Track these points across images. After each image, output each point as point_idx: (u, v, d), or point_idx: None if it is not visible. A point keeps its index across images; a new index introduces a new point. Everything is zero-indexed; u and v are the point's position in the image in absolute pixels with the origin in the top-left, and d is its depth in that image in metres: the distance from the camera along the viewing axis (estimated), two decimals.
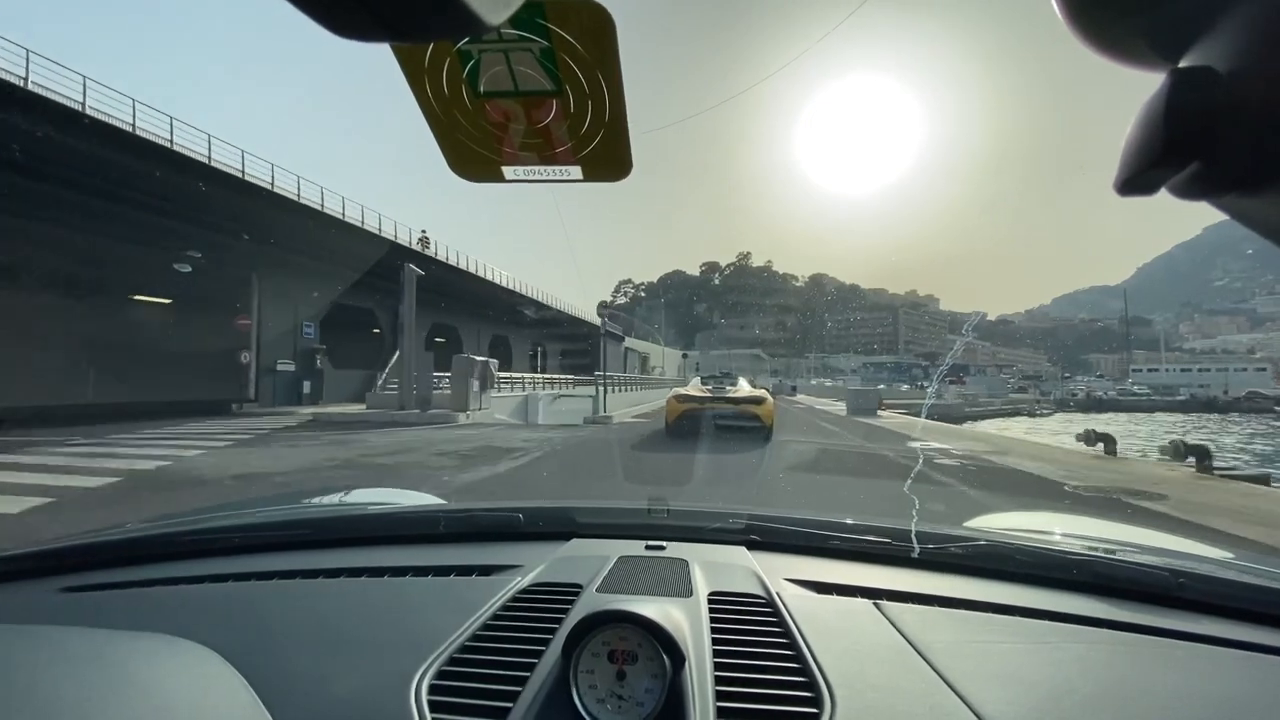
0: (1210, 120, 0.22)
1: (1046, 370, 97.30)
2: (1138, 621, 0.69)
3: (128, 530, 1.07)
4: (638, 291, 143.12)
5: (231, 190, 15.58)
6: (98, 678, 0.52)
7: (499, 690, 0.54)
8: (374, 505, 1.42)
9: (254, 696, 0.52)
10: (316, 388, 20.46)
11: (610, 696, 0.50)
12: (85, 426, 11.14)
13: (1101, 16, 0.25)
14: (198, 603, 0.78)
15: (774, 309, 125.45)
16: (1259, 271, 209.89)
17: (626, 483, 5.83)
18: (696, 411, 9.50)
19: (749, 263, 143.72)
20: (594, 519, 1.04)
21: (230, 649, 0.59)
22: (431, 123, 0.43)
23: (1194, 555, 0.99)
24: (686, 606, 0.67)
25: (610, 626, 0.52)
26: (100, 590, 0.81)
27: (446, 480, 6.09)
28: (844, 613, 0.71)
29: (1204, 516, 4.52)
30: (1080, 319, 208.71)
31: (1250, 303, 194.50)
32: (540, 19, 0.37)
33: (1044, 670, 0.58)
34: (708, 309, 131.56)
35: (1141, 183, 0.24)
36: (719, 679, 0.55)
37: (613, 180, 0.47)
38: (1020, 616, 0.71)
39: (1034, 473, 6.65)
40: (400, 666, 0.56)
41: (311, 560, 0.90)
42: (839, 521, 0.96)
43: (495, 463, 7.22)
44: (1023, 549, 0.86)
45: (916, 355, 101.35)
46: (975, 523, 1.22)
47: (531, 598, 0.72)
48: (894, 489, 5.34)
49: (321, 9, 0.18)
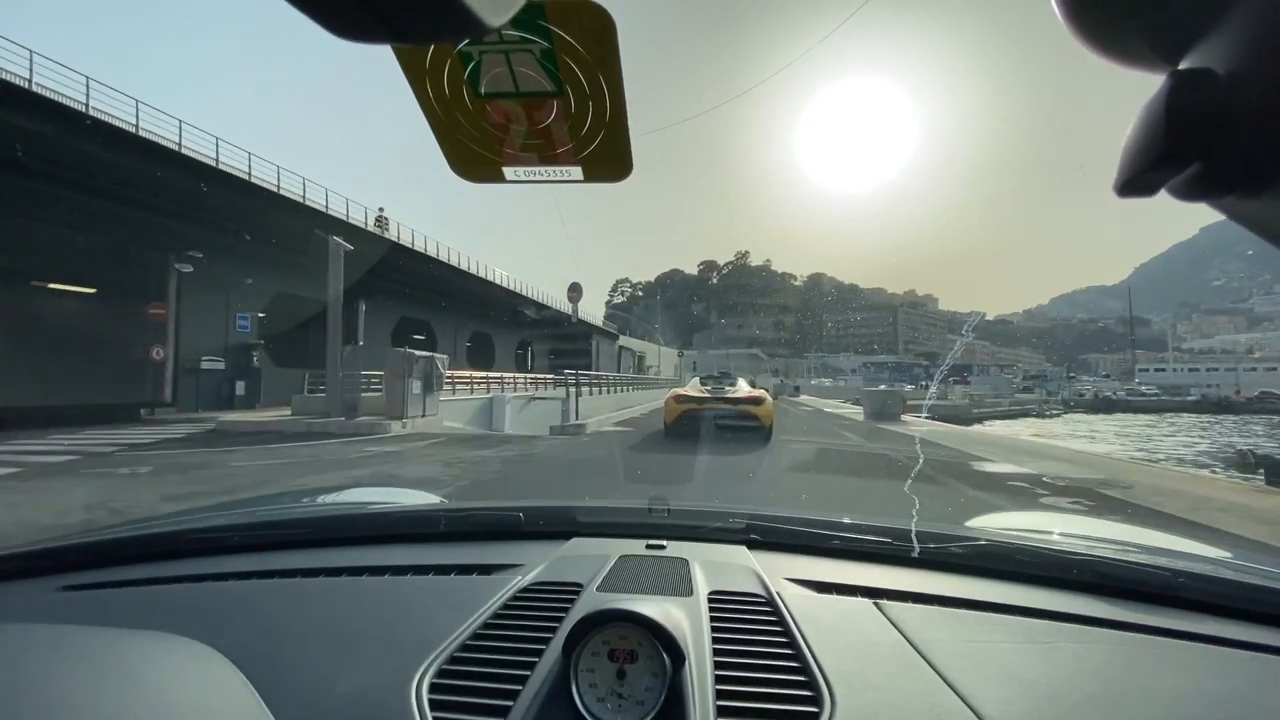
0: (1210, 122, 0.22)
1: (1050, 370, 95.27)
2: (1138, 621, 0.69)
3: (127, 529, 1.06)
4: (635, 291, 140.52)
5: (131, 152, 12.71)
6: (97, 677, 0.51)
7: (499, 689, 0.54)
8: (374, 504, 1.40)
9: (254, 695, 0.52)
10: (253, 389, 17.64)
11: (610, 695, 0.50)
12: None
13: (1102, 18, 0.25)
14: (198, 601, 0.77)
15: (772, 308, 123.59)
16: (1256, 272, 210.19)
17: (627, 482, 5.78)
18: (695, 412, 9.27)
19: (747, 262, 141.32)
20: (594, 518, 1.03)
21: (230, 648, 0.59)
22: (433, 123, 0.43)
23: (1194, 555, 0.98)
24: (687, 606, 0.67)
25: (610, 625, 0.53)
26: (100, 589, 0.81)
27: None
28: (844, 612, 0.71)
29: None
30: (1078, 319, 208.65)
31: (1248, 302, 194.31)
32: (541, 20, 0.37)
33: (1044, 670, 0.58)
34: (706, 308, 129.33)
35: (1142, 184, 0.24)
36: (719, 678, 0.55)
37: (613, 180, 0.47)
38: (1020, 616, 0.70)
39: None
40: (401, 665, 0.57)
41: (312, 559, 0.90)
42: (839, 521, 0.96)
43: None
44: (1023, 549, 0.85)
45: (917, 355, 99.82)
46: (975, 522, 1.20)
47: (532, 597, 0.72)
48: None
49: (323, 11, 0.18)
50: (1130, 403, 49.10)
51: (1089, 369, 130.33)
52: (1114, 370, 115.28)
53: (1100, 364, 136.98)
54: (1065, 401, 49.98)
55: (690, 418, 9.28)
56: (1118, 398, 51.36)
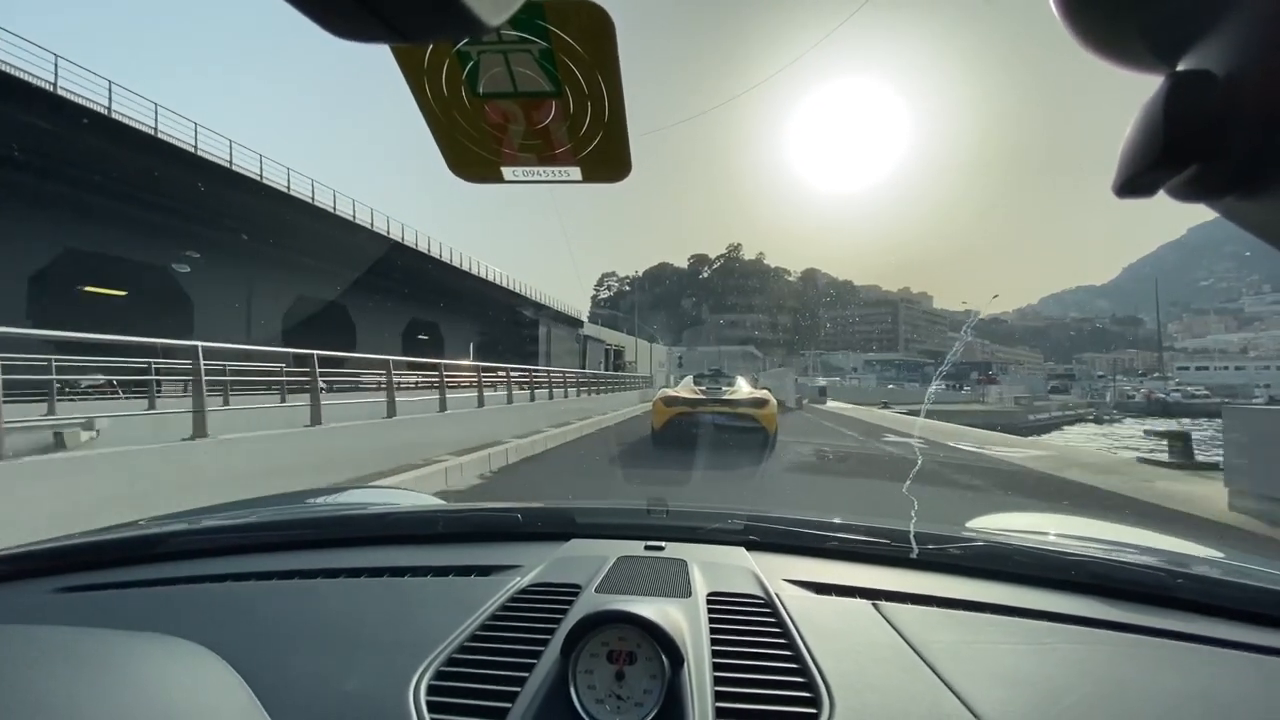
0: (1208, 123, 0.22)
1: (1075, 369, 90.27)
2: (1137, 622, 0.69)
3: (126, 530, 1.04)
4: (622, 286, 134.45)
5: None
6: (95, 678, 0.51)
7: (498, 690, 0.54)
8: (373, 505, 1.38)
9: (252, 697, 0.52)
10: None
11: (609, 697, 0.50)
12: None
13: (1100, 19, 0.24)
14: (196, 603, 0.77)
15: (767, 305, 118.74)
16: (1245, 271, 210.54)
17: (626, 483, 5.58)
18: (687, 415, 8.20)
19: (740, 255, 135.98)
20: (593, 519, 1.03)
21: (228, 649, 0.59)
22: (431, 123, 0.43)
23: (1193, 555, 0.98)
24: (685, 607, 0.67)
25: (609, 627, 0.53)
26: (98, 590, 0.81)
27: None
28: (843, 613, 0.70)
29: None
30: (1071, 318, 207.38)
31: (1238, 302, 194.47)
32: (540, 20, 0.37)
33: (1043, 670, 0.58)
34: (696, 304, 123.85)
35: (1140, 185, 0.24)
36: (718, 679, 0.55)
37: (612, 181, 0.47)
38: (1019, 617, 0.70)
39: None
40: (399, 667, 0.56)
41: (310, 560, 0.90)
42: (838, 522, 0.96)
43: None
44: (1021, 549, 0.85)
45: (920, 353, 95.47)
46: (975, 523, 1.19)
47: (530, 598, 0.72)
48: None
49: (322, 10, 0.18)
50: (1190, 405, 43.27)
51: (1091, 367, 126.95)
52: (1143, 367, 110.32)
53: (1097, 363, 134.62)
54: (1117, 405, 45.57)
55: (681, 422, 8.24)
56: (1173, 400, 46.03)
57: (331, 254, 22.69)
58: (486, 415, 8.81)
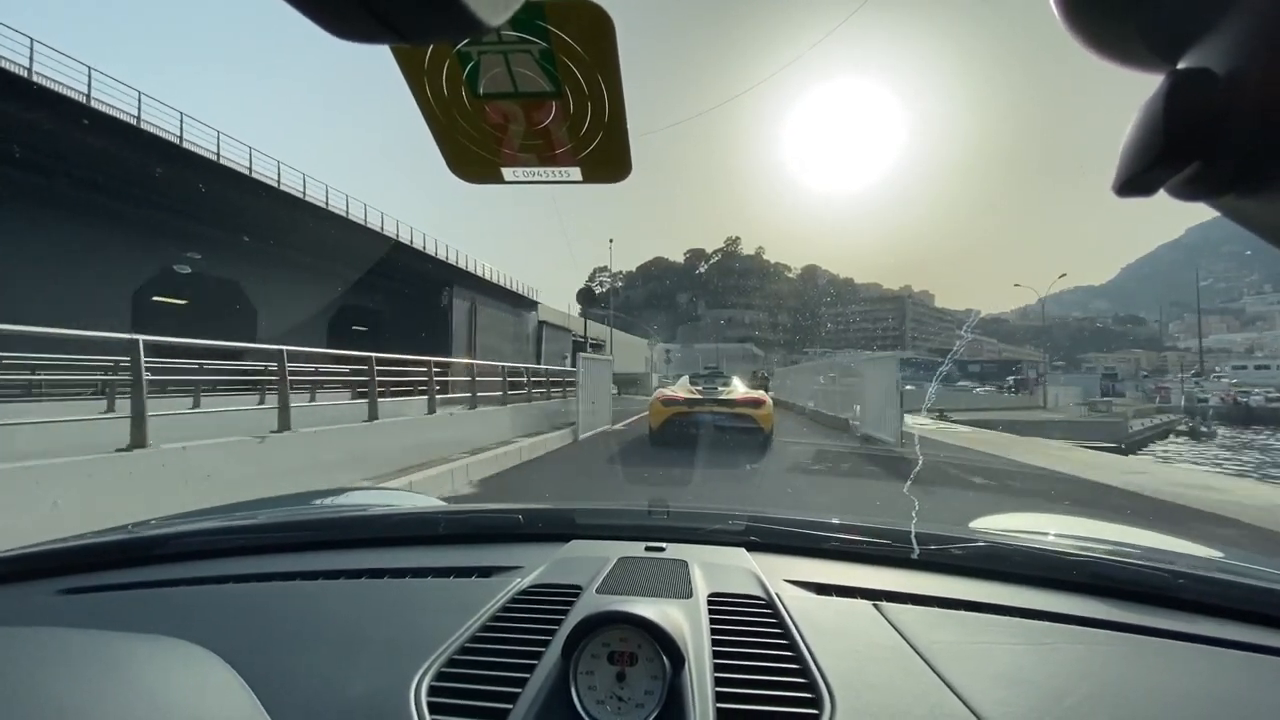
0: (1209, 122, 0.21)
1: (1122, 369, 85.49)
2: (1137, 622, 0.69)
3: (126, 532, 1.05)
4: (614, 282, 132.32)
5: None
6: (96, 680, 0.52)
7: (498, 691, 0.54)
8: (374, 507, 1.40)
9: (253, 698, 0.52)
10: None
11: (610, 698, 0.51)
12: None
13: (1100, 17, 0.24)
14: (197, 605, 0.77)
15: (766, 302, 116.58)
16: (1245, 271, 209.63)
17: (627, 484, 5.66)
18: (684, 416, 8.25)
19: (738, 250, 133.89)
20: (593, 520, 1.04)
21: (229, 651, 0.59)
22: (431, 124, 0.43)
23: (1193, 556, 0.98)
24: (686, 608, 0.67)
25: (610, 627, 0.53)
26: (99, 592, 0.81)
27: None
28: (844, 614, 0.70)
29: None
30: (1074, 317, 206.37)
31: (1239, 302, 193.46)
32: (540, 20, 0.37)
33: (1044, 670, 0.58)
34: (692, 299, 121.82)
35: (1141, 184, 0.24)
36: (718, 680, 0.55)
37: (612, 181, 0.47)
38: (1020, 617, 0.70)
39: None
40: (400, 668, 0.57)
41: (311, 562, 0.90)
42: (838, 523, 0.96)
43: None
44: (1022, 550, 0.85)
45: (928, 351, 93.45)
46: (975, 524, 1.19)
47: (531, 599, 0.72)
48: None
49: (321, 10, 0.18)
50: (1278, 411, 36.93)
51: (1093, 366, 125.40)
52: (1178, 366, 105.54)
53: (1099, 362, 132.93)
54: (1188, 410, 38.92)
55: (678, 422, 8.23)
56: (1255, 405, 39.20)
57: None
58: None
